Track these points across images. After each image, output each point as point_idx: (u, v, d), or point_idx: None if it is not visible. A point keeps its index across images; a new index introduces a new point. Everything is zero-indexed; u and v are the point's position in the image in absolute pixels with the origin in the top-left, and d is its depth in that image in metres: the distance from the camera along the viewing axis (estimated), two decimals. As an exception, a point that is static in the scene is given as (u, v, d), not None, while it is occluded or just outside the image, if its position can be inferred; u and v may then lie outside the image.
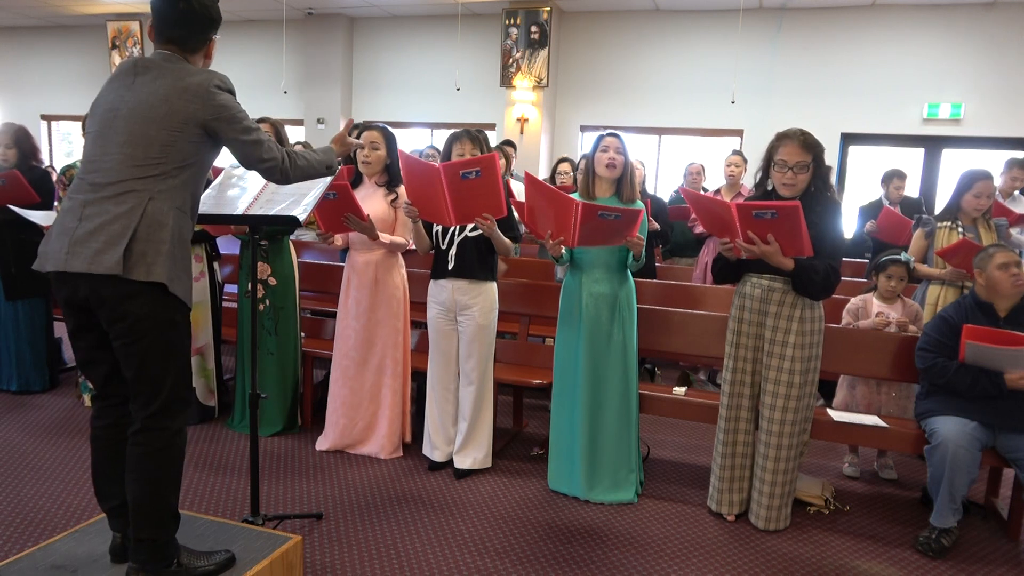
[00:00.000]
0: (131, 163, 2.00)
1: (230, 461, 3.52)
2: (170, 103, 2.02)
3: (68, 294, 2.03)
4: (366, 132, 3.50)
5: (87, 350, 2.12)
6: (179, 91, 2.04)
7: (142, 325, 1.99)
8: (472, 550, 2.77)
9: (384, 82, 10.10)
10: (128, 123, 2.02)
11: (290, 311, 3.85)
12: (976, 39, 7.81)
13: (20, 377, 4.41)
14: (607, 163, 3.15)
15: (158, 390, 2.04)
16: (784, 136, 2.87)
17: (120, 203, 1.98)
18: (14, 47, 11.59)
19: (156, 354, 2.03)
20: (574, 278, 3.23)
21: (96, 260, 1.94)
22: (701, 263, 5.33)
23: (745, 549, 2.88)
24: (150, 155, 2.01)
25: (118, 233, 1.95)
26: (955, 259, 3.63)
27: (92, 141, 2.08)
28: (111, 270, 1.93)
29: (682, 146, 9.11)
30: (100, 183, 2.00)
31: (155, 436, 2.05)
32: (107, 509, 2.20)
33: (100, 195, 1.99)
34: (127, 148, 2.01)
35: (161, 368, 2.04)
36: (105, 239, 1.95)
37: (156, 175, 2.01)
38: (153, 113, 2.02)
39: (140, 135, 2.01)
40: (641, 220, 2.90)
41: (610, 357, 3.17)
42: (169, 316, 2.05)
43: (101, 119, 2.07)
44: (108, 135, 2.04)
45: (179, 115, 2.03)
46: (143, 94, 2.04)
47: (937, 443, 2.89)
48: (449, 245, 3.34)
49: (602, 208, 2.86)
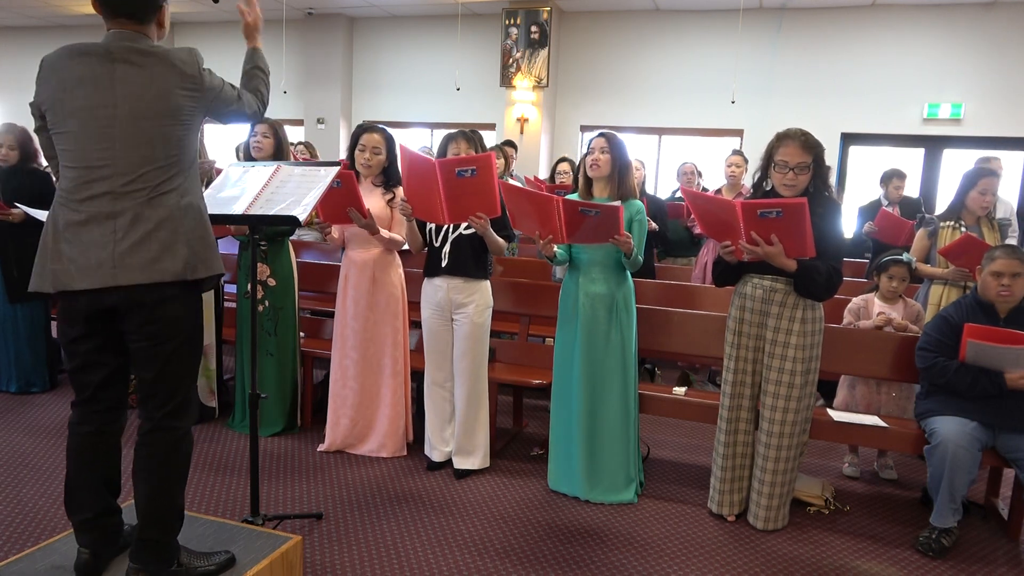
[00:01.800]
0: (152, 165, 1.96)
1: (230, 461, 3.52)
2: (174, 96, 1.98)
3: (87, 304, 1.96)
4: (367, 135, 3.48)
5: (89, 353, 2.04)
6: (176, 82, 1.98)
7: (174, 327, 2.01)
8: (472, 550, 2.77)
9: (384, 82, 10.10)
10: (136, 122, 1.94)
11: (289, 312, 3.85)
12: (976, 39, 7.81)
13: (20, 378, 4.40)
14: (590, 164, 3.18)
15: (175, 390, 2.05)
16: (784, 136, 2.86)
17: (157, 206, 1.95)
18: (14, 47, 11.59)
19: (181, 355, 2.04)
20: (572, 278, 3.23)
21: (156, 268, 1.93)
22: (700, 263, 5.33)
23: (745, 549, 2.88)
24: (170, 152, 1.99)
25: (169, 239, 1.95)
26: (959, 258, 3.62)
27: (87, 143, 1.94)
28: (179, 275, 1.95)
29: (682, 146, 9.11)
30: (122, 191, 1.93)
31: (166, 436, 2.05)
32: (77, 522, 2.08)
33: (129, 203, 1.93)
34: (145, 150, 1.95)
35: (183, 369, 2.06)
36: (158, 247, 1.93)
37: (177, 172, 2.01)
38: (161, 108, 1.96)
39: (156, 133, 1.96)
40: (622, 217, 2.87)
41: (608, 358, 3.17)
42: (197, 317, 2.09)
43: (90, 118, 1.94)
44: (111, 135, 1.94)
45: (186, 107, 2.01)
46: (136, 87, 1.95)
47: (937, 443, 2.88)
48: (443, 243, 3.33)
49: (582, 204, 2.89)
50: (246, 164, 2.82)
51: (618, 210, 2.86)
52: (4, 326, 4.37)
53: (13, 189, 4.17)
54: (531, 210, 2.97)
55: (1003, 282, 2.98)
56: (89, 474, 2.08)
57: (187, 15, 10.37)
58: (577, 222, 2.87)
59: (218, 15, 10.16)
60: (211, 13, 10.00)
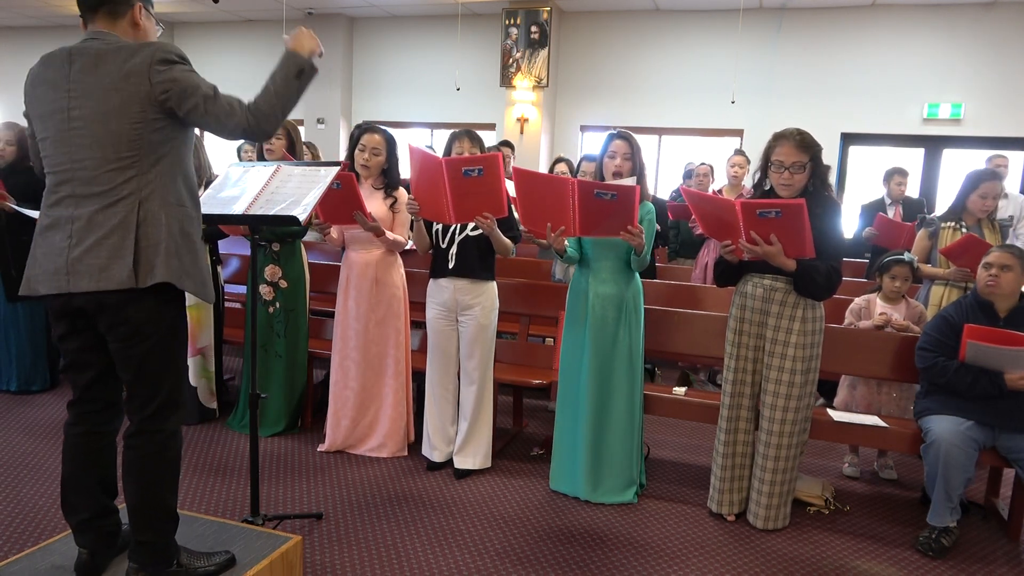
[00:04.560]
0: (106, 166, 1.91)
1: (230, 462, 3.52)
2: (120, 92, 1.89)
3: (61, 305, 1.98)
4: (367, 135, 3.48)
5: (76, 353, 2.05)
6: (123, 76, 1.89)
7: (144, 329, 1.96)
8: (472, 550, 2.77)
9: (384, 82, 10.10)
10: (89, 124, 1.91)
11: (300, 314, 3.85)
12: (976, 39, 7.81)
13: (20, 377, 4.40)
14: (613, 171, 3.12)
15: (155, 392, 2.02)
16: (780, 136, 2.87)
17: (111, 213, 1.91)
18: (14, 47, 11.59)
19: (156, 357, 2.01)
20: (582, 278, 3.21)
21: (104, 277, 1.89)
22: (700, 263, 5.33)
23: (745, 549, 2.88)
24: (121, 153, 1.91)
25: (118, 245, 1.90)
26: (960, 258, 3.62)
27: (53, 148, 1.96)
28: (123, 284, 1.89)
29: (682, 146, 9.11)
30: (81, 195, 1.92)
31: (150, 439, 2.03)
32: (75, 524, 2.09)
33: (87, 208, 1.91)
34: (96, 151, 1.91)
35: (160, 370, 2.02)
36: (107, 254, 1.90)
37: (135, 174, 1.92)
38: (108, 106, 1.89)
39: (104, 133, 1.90)
40: (638, 198, 2.80)
41: (616, 359, 3.17)
42: (170, 319, 2.03)
43: (53, 121, 1.94)
44: (70, 139, 1.92)
45: (133, 103, 1.89)
46: (88, 86, 1.91)
47: (931, 441, 2.89)
48: (449, 244, 3.33)
49: (598, 186, 2.81)
50: (246, 164, 2.82)
51: (634, 190, 2.77)
52: (4, 325, 4.37)
53: (11, 186, 4.16)
54: (544, 196, 2.88)
55: (991, 272, 3.01)
56: (83, 475, 2.07)
57: (187, 15, 10.37)
58: (591, 208, 2.81)
59: (218, 15, 10.16)
60: (211, 13, 9.99)
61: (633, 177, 3.05)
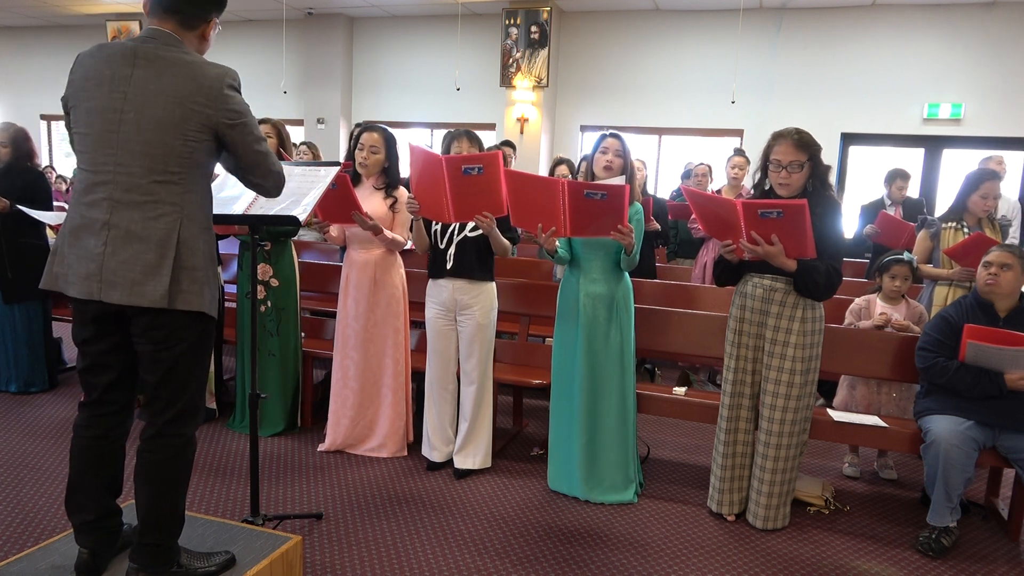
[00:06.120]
0: (152, 177, 1.89)
1: (230, 462, 3.52)
2: (184, 106, 1.89)
3: (93, 309, 1.96)
4: (366, 134, 3.48)
5: (97, 355, 2.03)
6: (191, 92, 1.89)
7: (179, 334, 1.97)
8: (472, 550, 2.77)
9: (384, 82, 10.11)
10: (141, 130, 1.88)
11: (291, 312, 3.85)
12: (976, 39, 7.81)
13: (19, 378, 4.40)
14: (604, 165, 3.13)
15: (179, 397, 2.02)
16: (778, 136, 2.87)
17: (152, 227, 1.89)
18: (14, 47, 11.59)
19: (185, 362, 2.01)
20: (572, 278, 3.22)
21: (136, 292, 1.89)
22: (700, 263, 5.33)
23: (745, 549, 2.88)
24: (170, 166, 1.90)
25: (156, 264, 1.89)
26: (965, 258, 3.62)
27: (95, 146, 1.92)
28: (155, 303, 1.89)
29: (682, 146, 9.11)
30: (120, 200, 1.89)
31: (169, 442, 2.03)
32: (78, 523, 2.07)
33: (125, 216, 1.89)
34: (145, 160, 1.88)
35: (186, 376, 2.03)
36: (143, 269, 1.89)
37: (180, 191, 1.92)
38: (167, 118, 1.88)
39: (158, 144, 1.88)
40: (627, 197, 2.82)
41: (608, 357, 3.17)
42: (202, 327, 2.04)
43: (101, 119, 1.90)
44: (117, 141, 1.89)
45: (194, 120, 1.90)
46: (150, 93, 1.88)
47: (930, 441, 2.89)
48: (448, 244, 3.33)
49: (588, 186, 2.83)
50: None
51: (624, 189, 2.80)
52: (3, 327, 4.37)
53: (7, 189, 4.16)
54: (534, 197, 2.89)
55: (991, 271, 3.01)
56: (92, 477, 2.07)
57: (187, 15, 10.36)
58: (581, 209, 2.82)
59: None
60: (211, 13, 9.98)
61: (622, 176, 3.06)
